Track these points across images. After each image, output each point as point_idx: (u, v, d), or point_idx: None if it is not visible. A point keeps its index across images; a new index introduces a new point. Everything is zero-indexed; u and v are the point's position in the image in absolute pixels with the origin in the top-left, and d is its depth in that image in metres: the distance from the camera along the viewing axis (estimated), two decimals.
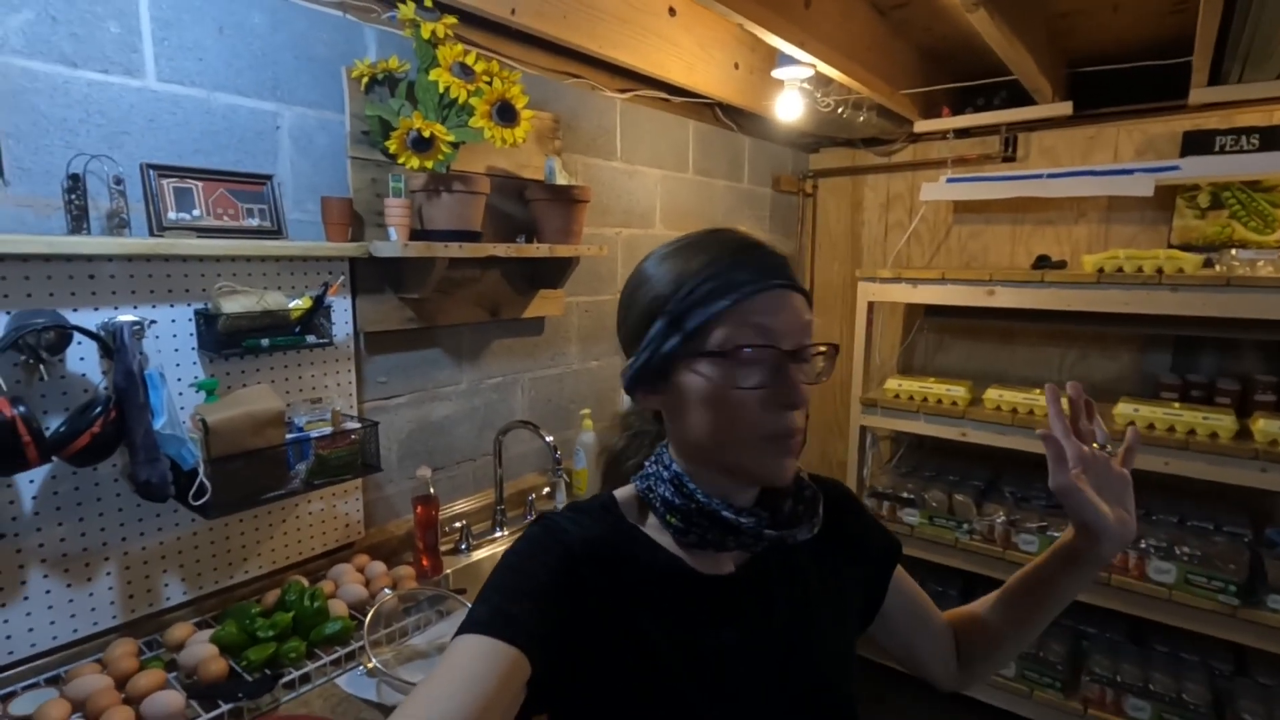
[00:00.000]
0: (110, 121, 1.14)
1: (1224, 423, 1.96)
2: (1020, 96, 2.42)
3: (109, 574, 1.17)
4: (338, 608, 1.28)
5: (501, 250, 1.58)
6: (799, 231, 3.23)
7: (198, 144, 1.25)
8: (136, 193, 1.17)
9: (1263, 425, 1.90)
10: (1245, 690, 2.07)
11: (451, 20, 1.43)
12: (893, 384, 2.54)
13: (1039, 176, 2.42)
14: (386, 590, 1.34)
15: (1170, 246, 2.40)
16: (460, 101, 1.39)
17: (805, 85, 2.26)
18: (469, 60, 1.41)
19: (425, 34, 1.40)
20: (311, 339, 1.33)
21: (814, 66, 1.89)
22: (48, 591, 1.11)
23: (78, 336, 1.07)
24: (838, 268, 3.21)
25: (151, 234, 1.18)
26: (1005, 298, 2.27)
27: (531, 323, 1.94)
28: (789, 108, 2.12)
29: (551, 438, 1.67)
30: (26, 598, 1.09)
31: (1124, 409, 2.12)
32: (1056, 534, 2.19)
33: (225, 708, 1.05)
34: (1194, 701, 2.05)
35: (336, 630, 1.22)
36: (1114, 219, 2.55)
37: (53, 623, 1.12)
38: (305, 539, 1.44)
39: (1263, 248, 2.23)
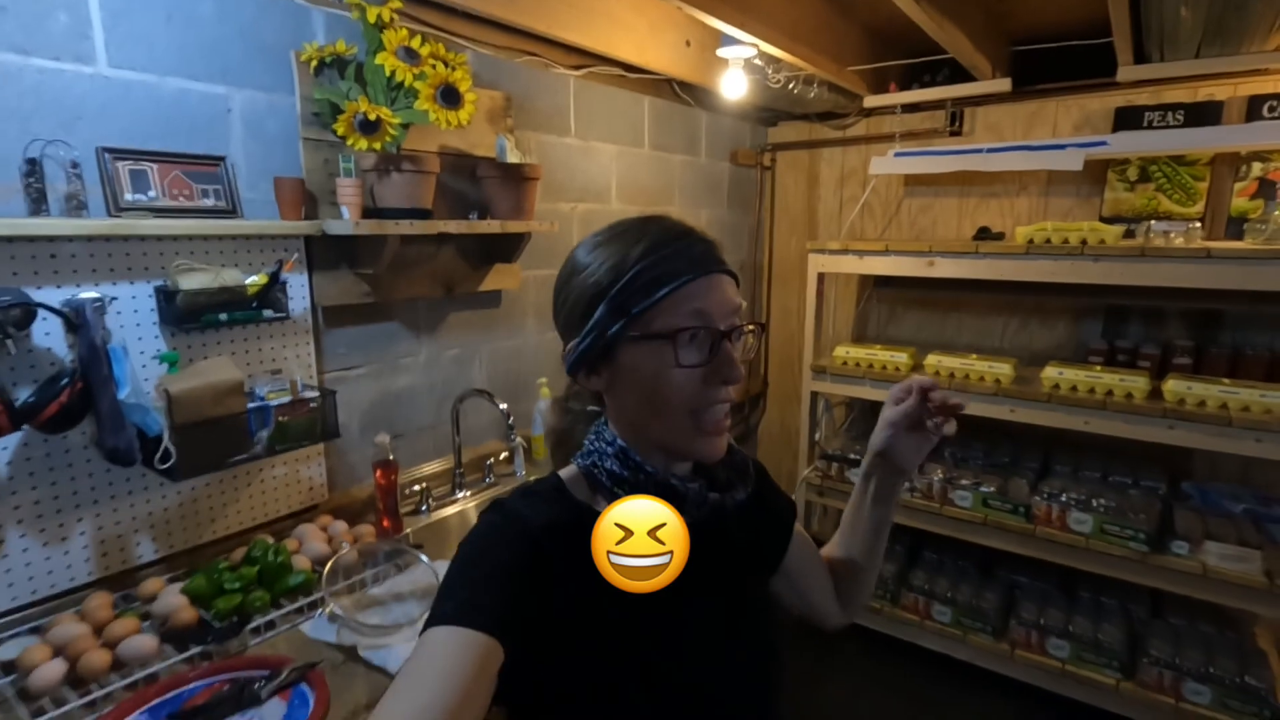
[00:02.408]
0: (64, 108, 1.20)
1: (1138, 384, 2.11)
2: (963, 73, 2.50)
3: (83, 534, 1.26)
4: (301, 563, 1.38)
5: (453, 227, 1.66)
6: (758, 205, 3.31)
7: (151, 128, 1.31)
8: (93, 175, 1.23)
9: (1172, 386, 2.05)
10: (1157, 631, 2.25)
11: (397, 4, 1.48)
12: (840, 351, 2.66)
13: (979, 151, 2.52)
14: (346, 545, 1.44)
15: (1101, 218, 2.53)
16: (406, 84, 1.45)
17: (756, 62, 2.33)
18: (414, 44, 1.47)
19: (371, 18, 1.45)
20: (268, 313, 1.41)
21: (756, 46, 1.96)
22: (25, 550, 1.20)
23: (42, 313, 1.14)
24: (795, 241, 3.31)
25: (109, 215, 1.24)
26: (944, 268, 2.39)
27: (488, 296, 2.03)
28: (734, 86, 2.19)
29: (505, 405, 1.77)
30: (5, 555, 1.18)
31: (1050, 372, 2.25)
32: (987, 489, 2.35)
33: (196, 649, 1.16)
34: (1108, 641, 2.23)
35: (300, 582, 1.32)
36: (1052, 192, 2.66)
37: (31, 578, 1.21)
38: (270, 501, 1.53)
39: (1187, 219, 2.36)
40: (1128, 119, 2.44)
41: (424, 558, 1.37)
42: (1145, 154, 2.38)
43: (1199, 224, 2.19)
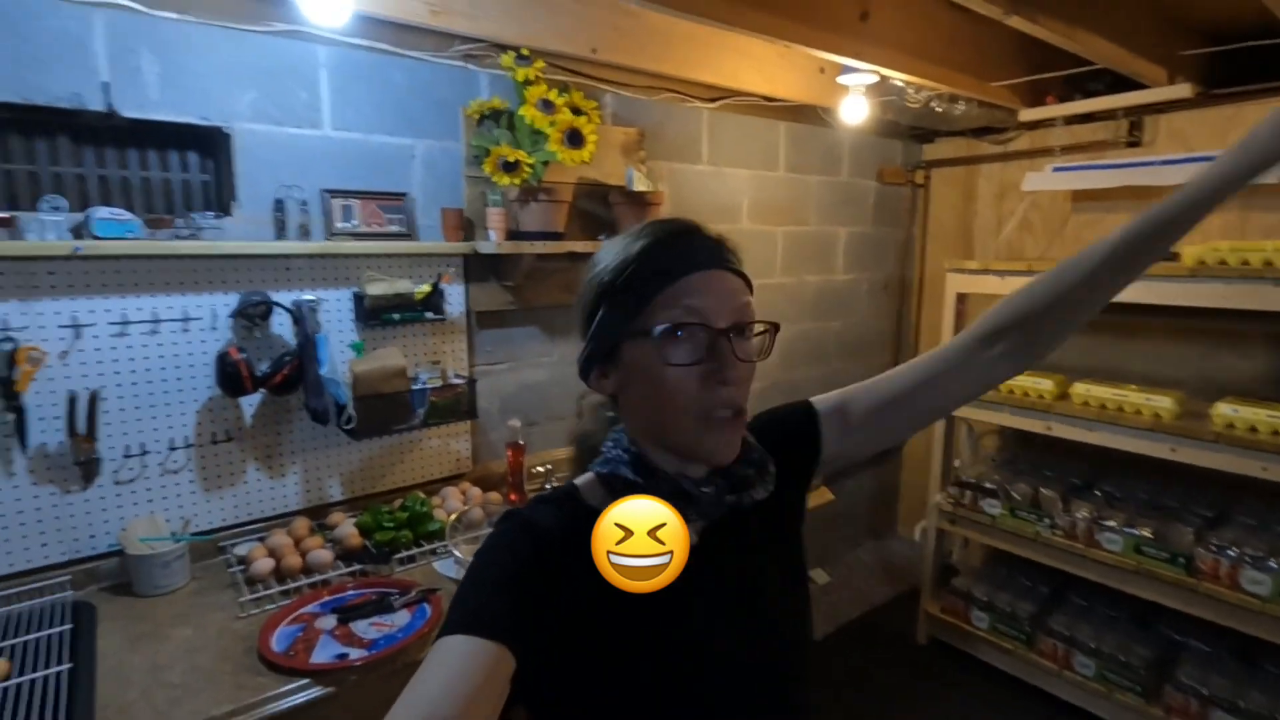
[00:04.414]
0: (300, 161, 1.65)
1: None
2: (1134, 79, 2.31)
3: (295, 473, 1.71)
4: (440, 515, 1.72)
5: (580, 247, 1.94)
6: (909, 222, 3.26)
7: (357, 171, 1.73)
8: (316, 209, 1.68)
9: None
10: None
11: (540, 64, 1.80)
12: None
13: (1151, 164, 2.31)
14: (475, 506, 1.76)
15: None
16: (543, 130, 1.76)
17: (896, 83, 2.35)
18: (552, 96, 1.78)
19: (520, 77, 1.78)
20: (430, 315, 1.78)
21: (876, 72, 2.02)
22: (258, 479, 1.66)
23: (277, 310, 1.59)
24: (948, 258, 3.19)
25: (325, 238, 1.68)
26: None
27: None
28: (854, 111, 2.25)
29: None
30: (246, 482, 1.64)
31: (1223, 409, 2.00)
32: (1141, 532, 2.14)
33: (357, 567, 1.53)
34: None
35: (436, 529, 1.66)
36: (1254, 205, 2.34)
37: (261, 501, 1.67)
38: (426, 466, 1.91)
39: None
40: None
41: None
42: None
43: None
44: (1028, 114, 2.60)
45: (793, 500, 0.81)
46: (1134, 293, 2.11)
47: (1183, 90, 2.23)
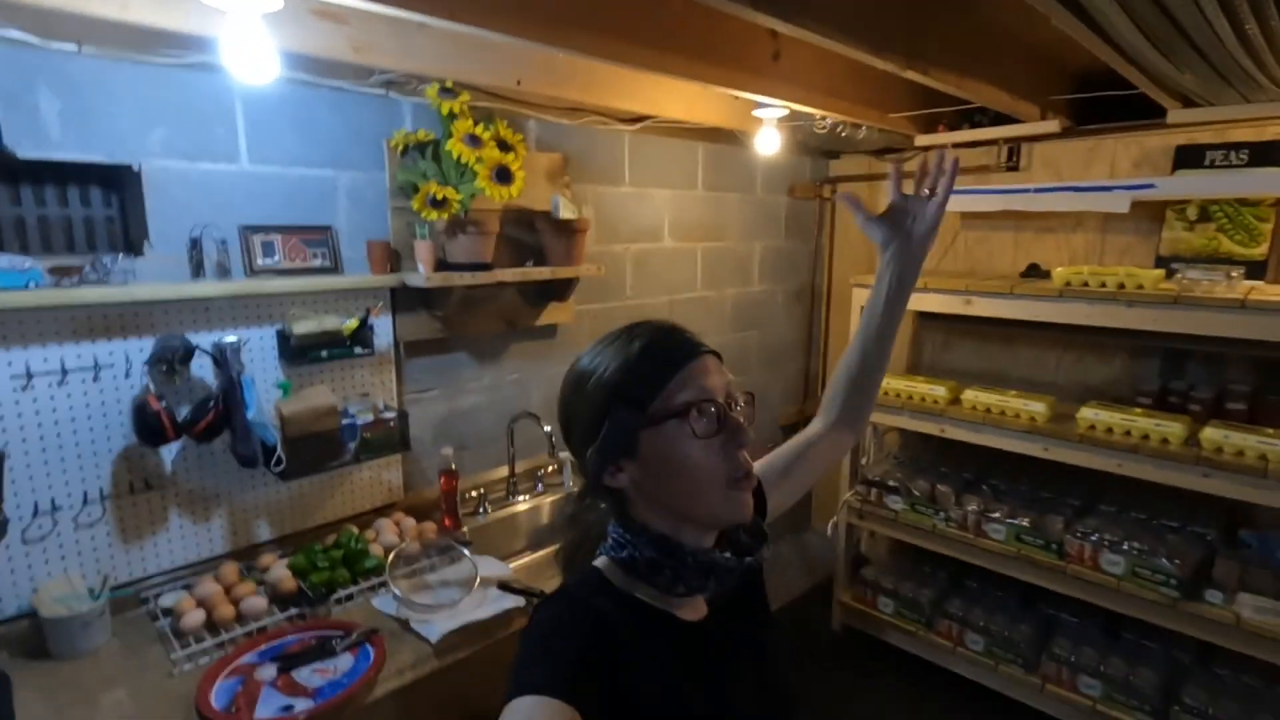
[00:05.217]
0: (217, 197, 1.60)
1: (1174, 429, 2.11)
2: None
3: (220, 517, 1.67)
4: (376, 550, 1.73)
5: (509, 275, 1.97)
6: (816, 234, 3.45)
7: (278, 206, 1.70)
8: (236, 247, 1.63)
9: (1209, 434, 2.04)
10: (1196, 678, 2.23)
11: (465, 97, 1.81)
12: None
13: (1026, 191, 2.56)
14: (409, 540, 1.78)
15: (1159, 258, 2.50)
16: (470, 165, 1.77)
17: (803, 110, 2.50)
18: (478, 130, 1.79)
19: (444, 110, 1.79)
20: (359, 350, 1.77)
21: (788, 107, 2.15)
22: (181, 526, 1.61)
23: (198, 353, 1.54)
24: (854, 268, 3.41)
25: (246, 276, 1.64)
26: (981, 307, 2.46)
27: (545, 329, 2.33)
28: (768, 143, 2.38)
29: (549, 428, 2.07)
30: (168, 530, 1.59)
31: (1086, 412, 2.28)
32: (1021, 523, 2.40)
33: (293, 611, 1.52)
34: (1142, 684, 2.23)
35: (373, 565, 1.67)
36: (1110, 228, 2.64)
37: (184, 548, 1.62)
38: (357, 498, 1.90)
39: (1248, 260, 2.30)
40: (1188, 158, 2.40)
41: (467, 554, 1.68)
42: (1196, 197, 2.34)
43: (1239, 271, 2.15)
44: (922, 139, 2.81)
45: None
46: (1014, 309, 2.38)
47: (1052, 126, 2.49)
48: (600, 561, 0.78)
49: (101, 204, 1.54)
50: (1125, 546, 2.21)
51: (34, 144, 1.36)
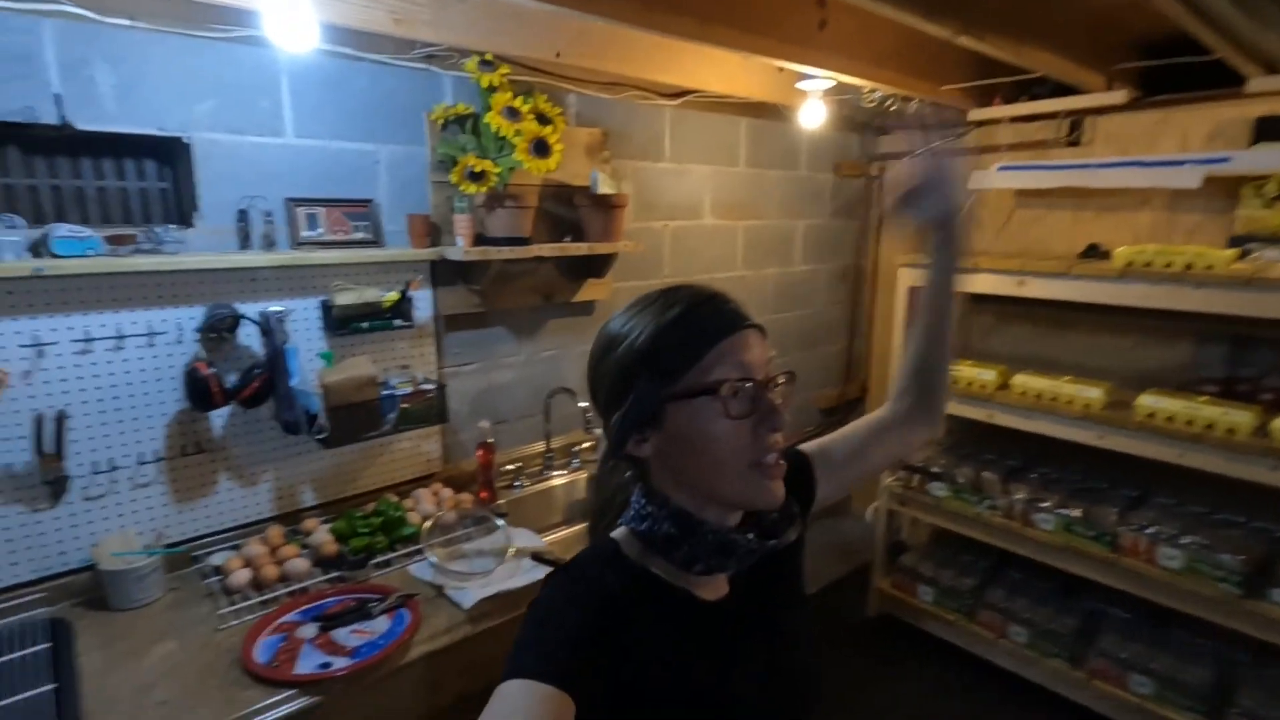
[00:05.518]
0: (263, 170, 1.63)
1: (1243, 419, 1.99)
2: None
3: (267, 481, 1.72)
4: (413, 518, 1.77)
5: (546, 250, 1.97)
6: (864, 214, 3.36)
7: (321, 179, 1.72)
8: (281, 219, 1.67)
9: (1279, 424, 1.92)
10: (1253, 678, 2.12)
11: (505, 70, 1.80)
12: None
13: (1087, 166, 2.43)
14: (446, 510, 1.81)
15: (1234, 238, 2.34)
16: (508, 138, 1.77)
17: (851, 83, 2.42)
18: (517, 103, 1.79)
19: (484, 83, 1.78)
20: (399, 322, 1.80)
21: (834, 78, 2.08)
22: (229, 489, 1.67)
23: (245, 322, 1.59)
24: (902, 249, 3.31)
25: (291, 247, 1.68)
26: (1035, 288, 2.36)
27: (581, 305, 2.33)
28: (812, 116, 2.31)
29: (585, 404, 2.07)
30: (217, 492, 1.66)
31: (1145, 400, 2.17)
32: (1072, 513, 2.31)
33: (334, 573, 1.57)
34: (1194, 682, 2.13)
35: (411, 533, 1.71)
36: (1179, 206, 2.49)
37: (232, 510, 1.68)
38: (397, 468, 1.94)
39: None
40: (1269, 130, 2.24)
41: (501, 524, 1.70)
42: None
43: None
44: (976, 114, 2.70)
45: (798, 540, 0.86)
46: (1071, 290, 2.27)
47: (1118, 96, 2.36)
48: (619, 532, 0.76)
49: (155, 176, 1.59)
50: (1184, 540, 2.11)
51: (91, 116, 1.41)
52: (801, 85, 2.23)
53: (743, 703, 0.74)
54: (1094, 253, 2.51)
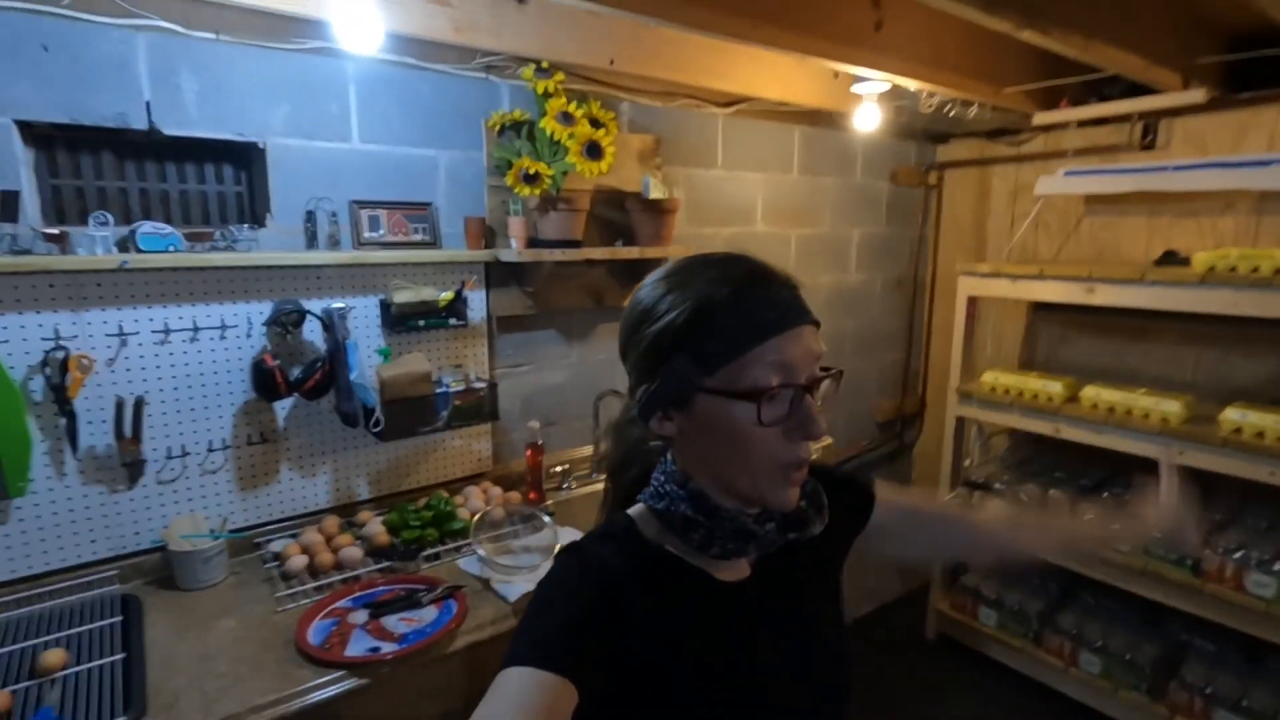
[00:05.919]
0: (329, 173, 1.71)
1: None
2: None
3: (325, 473, 1.78)
4: (463, 514, 1.79)
5: (598, 254, 1.99)
6: (921, 222, 3.28)
7: (384, 183, 1.79)
8: (345, 220, 1.74)
9: None
10: None
11: (560, 76, 1.85)
12: (989, 377, 2.59)
13: (1163, 169, 2.32)
14: (494, 506, 1.83)
15: None
16: (562, 142, 1.81)
17: (909, 88, 2.38)
18: (571, 108, 1.83)
19: (539, 90, 1.83)
20: (453, 321, 1.84)
21: (890, 81, 2.05)
22: (290, 479, 1.73)
23: (310, 317, 1.66)
24: (961, 257, 3.21)
25: (354, 248, 1.74)
26: (1106, 295, 2.25)
27: None
28: (867, 119, 2.28)
29: None
30: (279, 481, 1.72)
31: (1231, 414, 2.03)
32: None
33: (386, 563, 1.60)
34: None
35: (460, 527, 1.73)
36: (1267, 210, 2.35)
37: (293, 499, 1.74)
38: (449, 465, 1.98)
39: None
40: None
41: (549, 520, 1.71)
42: None
43: None
44: (1041, 117, 2.61)
45: (836, 551, 0.85)
46: (1145, 297, 2.16)
47: (1196, 96, 2.24)
48: (636, 509, 0.74)
49: (232, 180, 1.68)
50: (1277, 567, 1.95)
51: (175, 121, 1.51)
52: (857, 89, 2.21)
53: (763, 684, 0.71)
54: (1171, 259, 2.38)
